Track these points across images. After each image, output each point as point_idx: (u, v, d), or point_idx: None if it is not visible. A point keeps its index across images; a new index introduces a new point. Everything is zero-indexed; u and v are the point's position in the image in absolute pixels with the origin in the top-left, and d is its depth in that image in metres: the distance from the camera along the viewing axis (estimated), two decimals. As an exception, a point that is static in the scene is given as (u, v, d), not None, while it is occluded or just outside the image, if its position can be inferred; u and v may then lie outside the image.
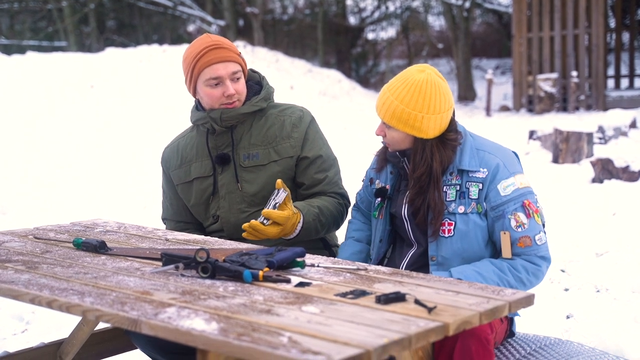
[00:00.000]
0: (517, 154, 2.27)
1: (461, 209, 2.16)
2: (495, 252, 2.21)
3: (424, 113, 2.13)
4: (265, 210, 2.24)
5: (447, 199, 2.17)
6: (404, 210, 2.24)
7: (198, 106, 2.54)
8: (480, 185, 2.15)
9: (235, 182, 2.46)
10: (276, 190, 2.27)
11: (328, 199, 2.47)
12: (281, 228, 2.26)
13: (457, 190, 2.17)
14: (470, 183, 2.16)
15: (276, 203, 2.26)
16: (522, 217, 2.13)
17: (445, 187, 2.17)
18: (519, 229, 2.13)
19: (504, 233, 2.13)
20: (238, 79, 2.45)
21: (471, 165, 2.17)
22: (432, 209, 2.16)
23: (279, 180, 2.28)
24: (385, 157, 2.30)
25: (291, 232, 2.32)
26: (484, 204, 2.15)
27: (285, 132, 2.47)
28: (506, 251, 2.13)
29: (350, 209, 2.55)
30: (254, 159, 2.46)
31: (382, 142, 2.29)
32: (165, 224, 2.68)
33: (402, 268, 2.23)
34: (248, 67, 2.54)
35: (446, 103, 2.16)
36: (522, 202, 2.14)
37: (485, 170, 2.16)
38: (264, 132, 2.48)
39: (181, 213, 2.60)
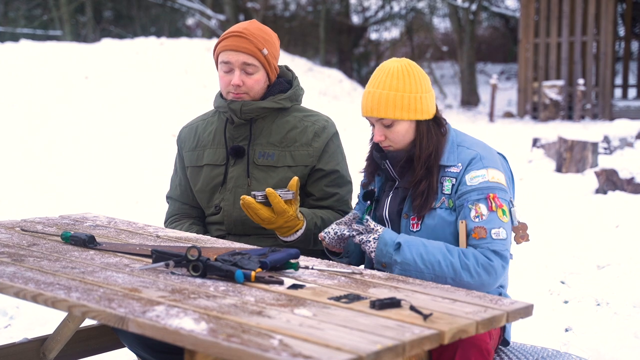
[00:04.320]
0: (505, 157, 2.21)
1: None
2: None
3: (420, 93, 2.11)
4: (270, 189, 2.19)
5: None
6: (385, 212, 2.19)
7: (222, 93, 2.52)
8: (454, 180, 2.10)
9: (246, 177, 2.43)
10: (287, 189, 2.23)
11: (335, 214, 2.42)
12: (272, 217, 2.21)
13: None
14: (444, 178, 2.11)
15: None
16: (482, 208, 2.05)
17: None
18: (476, 219, 2.04)
19: (462, 222, 2.05)
20: (251, 73, 2.41)
21: (449, 160, 2.12)
22: (433, 191, 2.09)
23: (295, 179, 2.24)
24: (372, 161, 2.25)
25: (287, 234, 2.28)
26: (455, 198, 2.09)
27: (306, 139, 2.43)
28: (462, 241, 2.05)
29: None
30: (269, 158, 2.42)
31: (373, 141, 2.21)
32: (168, 203, 2.63)
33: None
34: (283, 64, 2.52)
35: (429, 82, 2.17)
36: (487, 194, 2.06)
37: (460, 164, 2.11)
38: (283, 133, 2.44)
39: (188, 195, 2.57)
